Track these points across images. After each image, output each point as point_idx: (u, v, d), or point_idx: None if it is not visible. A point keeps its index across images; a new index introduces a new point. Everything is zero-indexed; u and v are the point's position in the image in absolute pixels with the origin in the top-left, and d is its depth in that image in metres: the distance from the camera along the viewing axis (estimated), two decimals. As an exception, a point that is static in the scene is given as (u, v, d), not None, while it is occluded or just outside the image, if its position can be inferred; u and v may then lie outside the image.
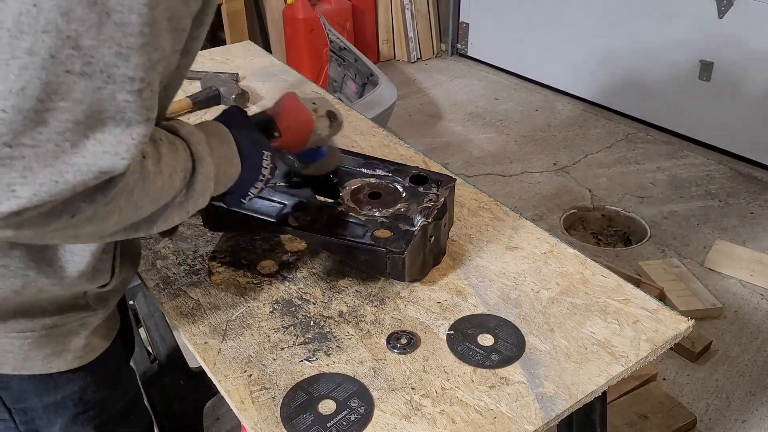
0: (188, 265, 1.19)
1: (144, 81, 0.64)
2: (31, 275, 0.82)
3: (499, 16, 4.28)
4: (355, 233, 1.09)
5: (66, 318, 0.89)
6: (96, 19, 0.60)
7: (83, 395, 0.96)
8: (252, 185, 0.94)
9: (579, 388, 0.94)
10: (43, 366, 0.90)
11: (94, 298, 0.92)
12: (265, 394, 0.94)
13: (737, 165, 3.31)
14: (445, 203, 1.16)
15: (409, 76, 4.40)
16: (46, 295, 0.85)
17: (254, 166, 0.94)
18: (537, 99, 4.06)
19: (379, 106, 2.80)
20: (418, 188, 1.19)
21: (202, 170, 0.81)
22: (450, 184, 1.20)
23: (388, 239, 1.07)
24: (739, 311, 2.43)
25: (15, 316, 0.85)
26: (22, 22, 0.58)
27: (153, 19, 0.63)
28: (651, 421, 1.96)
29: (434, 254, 1.16)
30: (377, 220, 1.11)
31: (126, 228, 0.75)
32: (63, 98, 0.60)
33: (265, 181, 0.96)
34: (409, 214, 1.12)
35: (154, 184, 0.72)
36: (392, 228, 1.09)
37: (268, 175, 0.96)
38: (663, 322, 1.05)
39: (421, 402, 0.93)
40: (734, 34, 3.17)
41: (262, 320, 1.07)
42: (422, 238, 1.09)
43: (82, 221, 0.67)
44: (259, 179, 0.95)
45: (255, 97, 1.80)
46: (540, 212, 2.98)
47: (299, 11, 3.89)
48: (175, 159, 0.76)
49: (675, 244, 2.77)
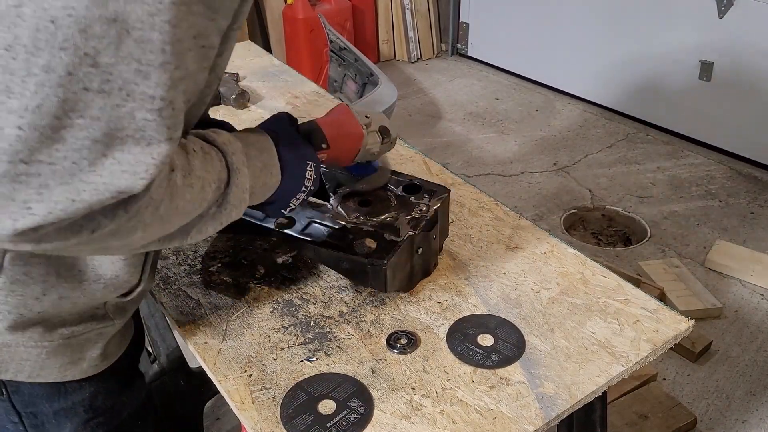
0: (188, 265, 1.19)
1: (165, 100, 0.63)
2: (51, 281, 0.81)
3: (499, 16, 4.28)
4: (340, 241, 1.06)
5: (84, 327, 0.89)
6: (115, 36, 0.59)
7: (93, 401, 0.95)
8: (294, 196, 0.93)
9: (579, 388, 0.94)
10: (58, 374, 0.89)
11: (113, 308, 0.91)
12: (265, 394, 0.94)
13: (737, 165, 3.31)
14: (436, 214, 1.12)
15: (409, 76, 4.40)
16: (67, 303, 0.84)
17: (296, 176, 0.92)
18: (537, 99, 4.06)
19: (379, 106, 2.80)
20: (410, 198, 1.16)
21: (237, 182, 0.79)
22: (443, 195, 1.16)
23: (371, 249, 1.05)
24: (740, 311, 2.43)
25: (34, 325, 0.84)
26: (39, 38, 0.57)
27: (175, 37, 0.62)
28: (651, 421, 1.96)
29: (423, 266, 1.13)
30: (363, 229, 1.09)
31: (158, 240, 0.73)
32: (81, 115, 0.59)
33: (308, 192, 0.94)
34: (397, 224, 1.09)
35: (182, 198, 0.70)
36: (377, 238, 1.07)
37: (311, 186, 0.94)
38: (663, 322, 1.05)
39: (421, 402, 0.93)
40: (734, 34, 3.17)
41: (262, 320, 1.07)
42: (408, 250, 1.07)
43: (105, 236, 0.65)
44: (301, 190, 0.93)
45: (255, 97, 1.80)
46: (540, 212, 2.98)
47: (299, 11, 3.89)
48: (207, 171, 0.74)
49: (675, 244, 2.77)
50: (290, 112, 1.00)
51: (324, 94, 1.82)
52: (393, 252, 1.04)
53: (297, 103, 1.76)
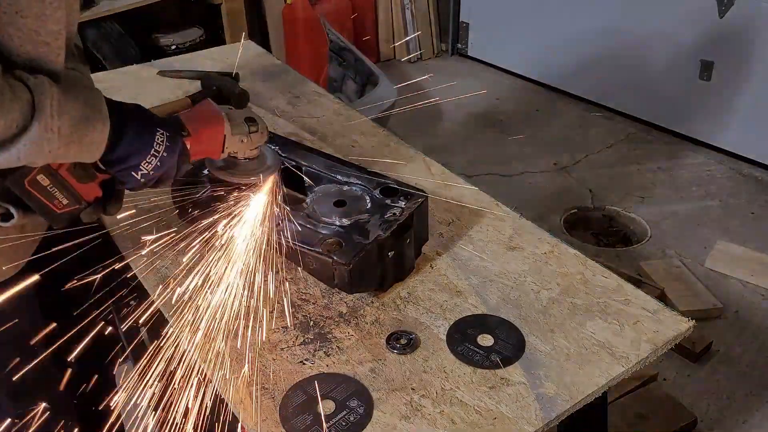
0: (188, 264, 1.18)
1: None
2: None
3: (499, 16, 4.28)
4: (308, 239, 1.07)
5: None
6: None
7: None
8: (143, 159, 0.94)
9: (579, 389, 0.94)
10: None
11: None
12: (264, 394, 0.94)
13: (737, 165, 3.31)
14: (411, 218, 1.12)
15: (409, 76, 4.39)
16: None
17: (143, 140, 0.94)
18: (537, 99, 4.06)
19: (379, 106, 2.80)
20: (386, 200, 1.16)
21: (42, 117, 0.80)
22: (419, 199, 1.16)
23: (337, 249, 1.05)
24: (740, 311, 2.43)
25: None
26: None
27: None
28: (651, 422, 1.95)
29: (396, 269, 1.12)
30: (334, 228, 1.10)
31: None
32: None
33: (160, 158, 0.96)
34: (368, 226, 1.10)
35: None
36: (346, 238, 1.07)
37: (163, 153, 0.96)
38: (663, 323, 1.05)
39: (421, 402, 0.93)
40: (734, 34, 3.17)
41: (262, 320, 1.07)
42: (377, 253, 1.07)
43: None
44: (151, 153, 0.95)
45: (255, 96, 1.80)
46: (540, 212, 2.98)
47: (299, 11, 3.89)
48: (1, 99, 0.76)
49: (675, 244, 2.77)
50: (290, 112, 1.00)
51: (324, 94, 1.82)
52: (357, 254, 1.04)
53: (297, 102, 1.76)
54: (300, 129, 1.60)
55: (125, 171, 0.95)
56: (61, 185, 0.92)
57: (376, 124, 1.65)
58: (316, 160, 1.27)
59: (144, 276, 1.16)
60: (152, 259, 1.20)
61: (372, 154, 1.48)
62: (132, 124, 0.94)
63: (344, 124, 1.64)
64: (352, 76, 3.42)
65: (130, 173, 0.95)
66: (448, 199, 1.32)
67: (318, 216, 1.13)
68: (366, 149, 1.53)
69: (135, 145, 0.94)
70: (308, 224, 1.11)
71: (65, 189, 0.92)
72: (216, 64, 1.98)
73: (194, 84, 1.81)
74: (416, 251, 1.17)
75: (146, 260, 1.19)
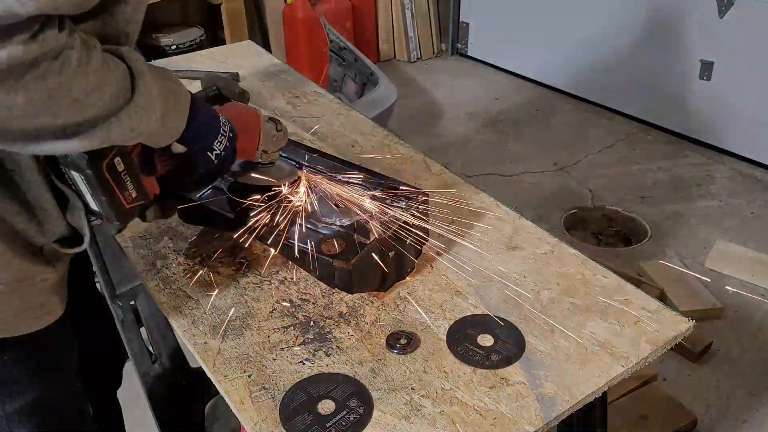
0: (188, 265, 1.19)
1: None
2: None
3: (499, 16, 4.28)
4: (309, 240, 1.07)
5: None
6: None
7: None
8: (215, 138, 0.95)
9: (579, 389, 0.94)
10: None
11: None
12: (264, 394, 0.94)
13: (737, 165, 3.31)
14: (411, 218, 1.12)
15: (409, 76, 4.39)
16: None
17: (212, 115, 0.95)
18: (537, 99, 4.06)
19: (379, 106, 2.80)
20: (387, 200, 1.16)
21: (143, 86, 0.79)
22: (420, 199, 1.16)
23: (339, 250, 1.05)
24: (740, 311, 2.43)
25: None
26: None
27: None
28: (651, 422, 1.96)
29: (397, 269, 1.12)
30: (334, 229, 1.10)
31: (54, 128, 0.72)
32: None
33: (228, 138, 0.97)
34: (369, 226, 1.09)
35: (73, 79, 0.70)
36: (346, 239, 1.07)
37: (229, 133, 0.97)
38: (663, 323, 1.05)
39: (421, 402, 0.93)
40: (734, 33, 3.17)
41: (262, 320, 1.07)
42: (378, 253, 1.07)
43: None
44: (221, 132, 0.96)
45: (255, 97, 1.79)
46: (540, 212, 2.98)
47: (299, 11, 3.89)
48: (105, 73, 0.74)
49: (675, 244, 2.77)
50: (290, 112, 1.01)
51: (324, 93, 1.82)
52: (359, 254, 1.04)
53: (297, 102, 1.76)
54: (300, 129, 1.60)
55: (201, 151, 0.95)
56: (133, 173, 0.90)
57: (376, 124, 1.65)
58: (317, 160, 1.27)
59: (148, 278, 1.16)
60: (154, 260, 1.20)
61: (372, 154, 1.48)
62: (199, 103, 0.93)
63: (344, 124, 1.65)
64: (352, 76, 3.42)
65: (206, 153, 0.95)
66: (448, 199, 1.32)
67: (318, 216, 1.13)
68: (366, 149, 1.53)
69: (208, 123, 0.94)
70: (308, 224, 1.11)
71: (135, 179, 0.90)
72: (216, 64, 1.98)
73: (194, 84, 1.82)
74: (416, 251, 1.17)
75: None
